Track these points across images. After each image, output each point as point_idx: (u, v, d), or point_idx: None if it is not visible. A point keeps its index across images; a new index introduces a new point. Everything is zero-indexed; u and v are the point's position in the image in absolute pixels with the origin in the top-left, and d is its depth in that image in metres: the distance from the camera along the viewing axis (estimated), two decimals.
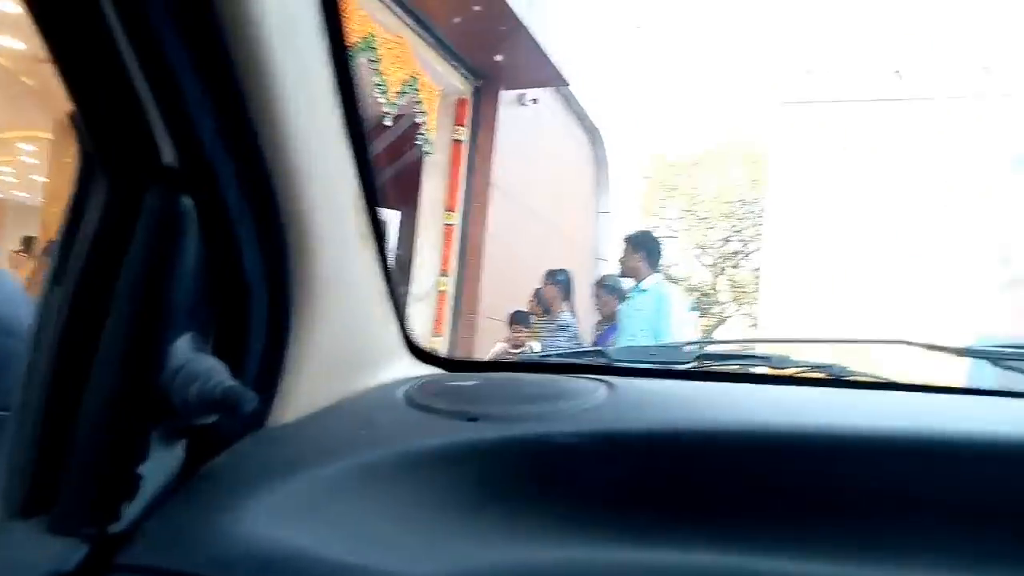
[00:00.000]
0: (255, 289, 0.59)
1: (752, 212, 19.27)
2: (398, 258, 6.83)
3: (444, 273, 6.99)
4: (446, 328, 6.98)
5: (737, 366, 0.90)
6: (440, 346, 6.89)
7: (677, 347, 0.88)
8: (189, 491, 0.56)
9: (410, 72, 5.64)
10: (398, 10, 5.62)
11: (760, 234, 15.20)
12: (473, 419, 0.64)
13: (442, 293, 7.02)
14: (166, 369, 0.52)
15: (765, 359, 0.87)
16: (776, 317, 10.36)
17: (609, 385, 0.71)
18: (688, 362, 0.85)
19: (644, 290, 4.25)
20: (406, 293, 6.90)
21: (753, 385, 0.80)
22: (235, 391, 0.52)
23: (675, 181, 20.67)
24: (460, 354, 6.86)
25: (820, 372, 0.85)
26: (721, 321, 21.04)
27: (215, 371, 0.54)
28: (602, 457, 0.61)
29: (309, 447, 0.62)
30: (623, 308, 4.41)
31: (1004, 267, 9.94)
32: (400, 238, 6.75)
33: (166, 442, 0.55)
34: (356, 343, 0.70)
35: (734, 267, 21.25)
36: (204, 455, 0.59)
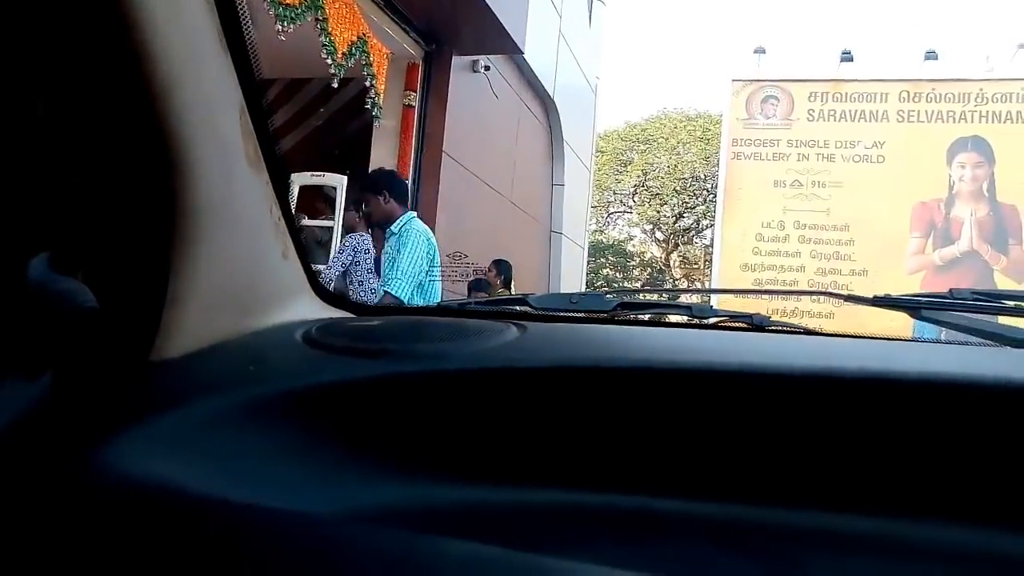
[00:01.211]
0: (126, 213, 0.54)
1: (705, 189, 19.47)
2: (348, 225, 6.70)
3: None
4: None
5: (658, 315, 0.89)
6: None
7: (599, 295, 0.85)
8: (52, 421, 0.51)
9: (358, 34, 5.49)
10: None
11: (712, 211, 15.36)
12: (371, 356, 0.60)
13: None
14: (18, 285, 0.47)
15: (686, 308, 0.85)
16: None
17: (521, 327, 0.68)
18: (608, 309, 0.83)
19: (394, 232, 3.82)
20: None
21: (674, 329, 0.78)
22: (96, 313, 0.48)
23: (628, 156, 20.73)
24: None
25: (741, 321, 0.84)
26: (674, 296, 21.28)
27: (78, 292, 0.49)
28: (505, 393, 0.58)
29: (191, 382, 0.58)
30: (384, 253, 3.94)
31: (943, 247, 10.23)
32: (349, 203, 6.63)
33: (30, 367, 0.50)
34: (249, 279, 0.66)
35: (686, 243, 21.49)
36: (75, 386, 0.55)
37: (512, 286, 6.14)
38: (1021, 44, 10.47)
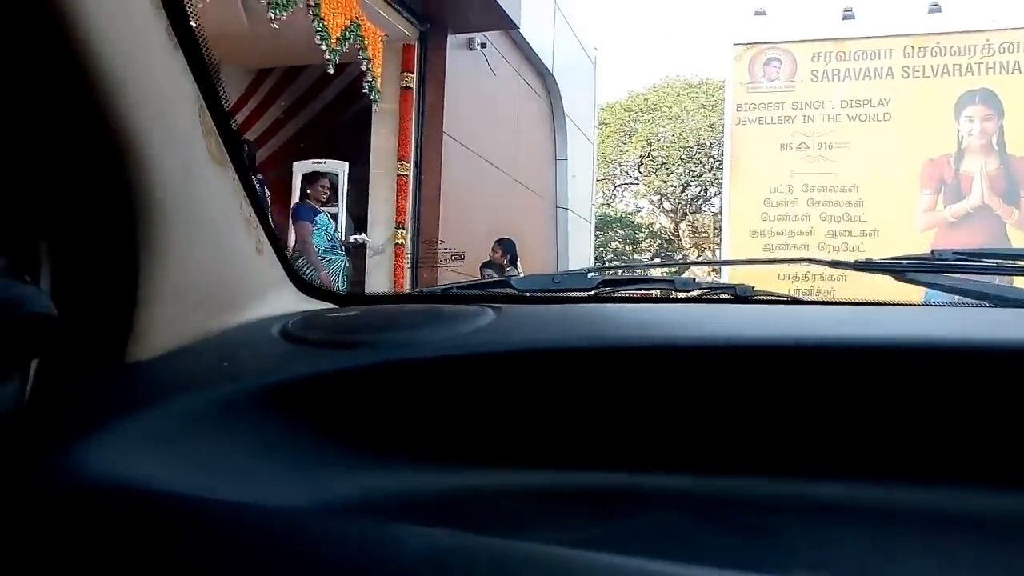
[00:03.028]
0: (85, 214, 0.54)
1: (711, 156, 19.31)
2: (351, 211, 6.71)
3: (400, 225, 6.89)
4: (406, 281, 6.92)
5: (642, 291, 0.88)
6: None
7: (582, 274, 0.85)
8: (27, 423, 0.52)
9: (351, 17, 5.46)
10: None
11: (719, 178, 15.27)
12: (345, 348, 0.61)
13: (399, 246, 6.93)
14: None
15: (670, 283, 0.85)
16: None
17: (497, 309, 0.68)
18: (591, 288, 0.83)
19: None
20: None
21: (656, 304, 0.78)
22: (53, 318, 0.48)
23: (632, 126, 20.56)
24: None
25: (725, 293, 0.83)
26: (684, 268, 21.22)
27: (34, 297, 0.49)
28: (478, 379, 0.58)
29: (165, 381, 0.58)
30: None
31: (954, 203, 10.12)
32: (352, 190, 6.62)
33: None
34: (223, 276, 0.66)
35: (694, 212, 21.35)
36: (46, 390, 0.55)
37: (519, 263, 6.14)
38: None
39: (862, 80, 10.53)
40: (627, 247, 21.01)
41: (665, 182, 20.56)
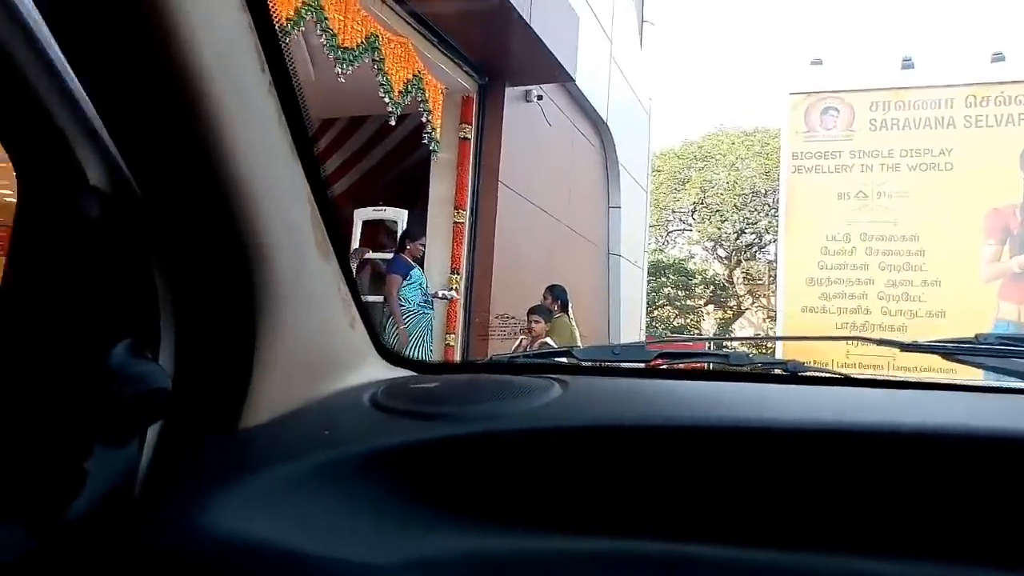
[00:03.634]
0: (211, 300, 0.63)
1: (766, 204, 19.16)
2: None
3: (455, 271, 7.03)
4: (459, 326, 7.02)
5: (696, 364, 0.93)
6: (454, 344, 6.93)
7: (640, 346, 0.91)
8: (151, 486, 0.60)
9: (414, 71, 5.67)
10: (401, 10, 5.65)
11: (775, 225, 15.12)
12: (429, 419, 0.68)
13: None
14: (99, 370, 0.55)
15: (724, 357, 0.90)
16: (791, 309, 10.30)
17: (564, 384, 0.74)
18: (649, 360, 0.89)
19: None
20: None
21: (710, 382, 0.83)
22: (161, 392, 0.56)
23: (686, 174, 20.57)
24: (475, 351, 6.94)
25: (777, 368, 0.88)
26: (738, 314, 20.95)
27: (154, 374, 0.58)
28: (548, 451, 0.64)
29: (274, 447, 0.65)
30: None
31: (1020, 254, 9.83)
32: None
33: (116, 440, 0.58)
34: (321, 349, 0.74)
35: (749, 259, 21.12)
36: (169, 455, 0.63)
37: (570, 309, 6.18)
38: None
39: (922, 129, 10.40)
40: (680, 293, 20.85)
41: (719, 229, 20.43)
